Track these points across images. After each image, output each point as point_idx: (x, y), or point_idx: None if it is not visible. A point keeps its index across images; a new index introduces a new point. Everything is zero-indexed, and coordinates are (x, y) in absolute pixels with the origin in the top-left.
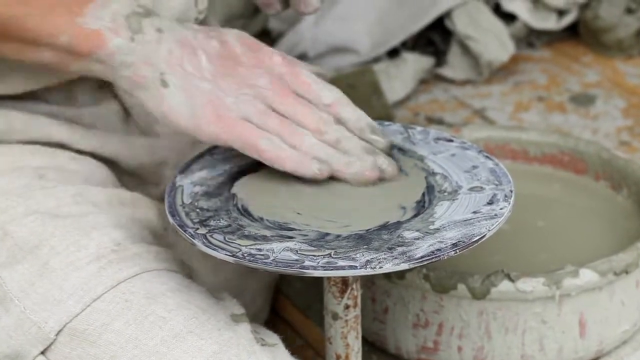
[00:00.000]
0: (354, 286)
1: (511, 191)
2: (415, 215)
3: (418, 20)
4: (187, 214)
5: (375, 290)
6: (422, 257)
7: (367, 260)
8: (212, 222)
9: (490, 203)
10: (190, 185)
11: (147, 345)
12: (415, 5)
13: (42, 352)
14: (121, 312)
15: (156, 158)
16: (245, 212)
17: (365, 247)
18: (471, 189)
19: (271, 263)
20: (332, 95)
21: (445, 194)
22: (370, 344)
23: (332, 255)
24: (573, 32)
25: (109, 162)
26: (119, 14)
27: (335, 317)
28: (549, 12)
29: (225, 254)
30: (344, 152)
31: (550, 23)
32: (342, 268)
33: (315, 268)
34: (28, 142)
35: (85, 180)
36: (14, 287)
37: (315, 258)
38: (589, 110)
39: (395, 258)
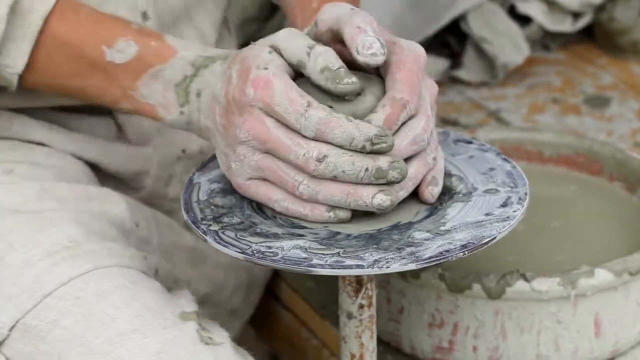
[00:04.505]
0: (369, 286)
1: (526, 194)
2: (428, 216)
3: (433, 23)
4: (201, 211)
5: (391, 290)
6: (430, 257)
7: (375, 260)
8: (225, 219)
9: (503, 205)
10: (207, 182)
11: (92, 343)
12: (430, 8)
13: None
14: (71, 309)
15: (136, 167)
16: (259, 210)
17: (374, 246)
18: (486, 191)
19: (279, 260)
20: None
21: (460, 195)
22: (385, 344)
23: (340, 254)
24: (588, 34)
25: (89, 164)
26: (170, 83)
27: (349, 316)
28: (564, 15)
29: (236, 251)
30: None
31: (565, 25)
32: (349, 267)
33: (322, 266)
34: (7, 138)
35: (58, 176)
36: None
37: (323, 256)
38: (604, 112)
39: (403, 258)
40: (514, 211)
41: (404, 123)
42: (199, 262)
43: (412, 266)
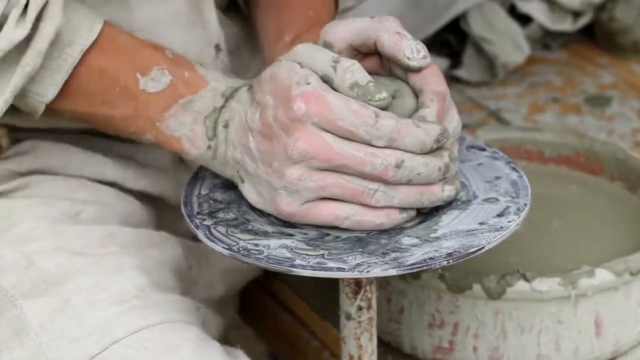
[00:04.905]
0: (368, 288)
1: (525, 205)
2: (421, 222)
3: (433, 22)
4: (199, 205)
5: (391, 291)
6: (412, 264)
7: (357, 264)
8: (220, 214)
9: (500, 215)
10: (212, 176)
11: None
12: (430, 7)
13: None
14: (138, 359)
15: None
16: (256, 207)
17: (360, 250)
18: (486, 200)
19: (263, 259)
20: None
21: (459, 203)
22: (386, 344)
23: (324, 256)
24: (588, 33)
25: (156, 199)
26: (200, 115)
27: (348, 317)
28: (565, 14)
29: (222, 247)
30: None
31: (566, 25)
32: (330, 269)
33: (304, 267)
34: (79, 177)
35: (124, 219)
36: (32, 320)
37: (307, 257)
38: (604, 111)
39: (386, 263)
40: (509, 221)
41: None
42: (233, 274)
43: (392, 272)
